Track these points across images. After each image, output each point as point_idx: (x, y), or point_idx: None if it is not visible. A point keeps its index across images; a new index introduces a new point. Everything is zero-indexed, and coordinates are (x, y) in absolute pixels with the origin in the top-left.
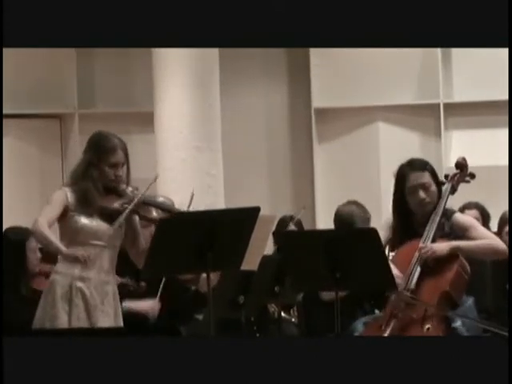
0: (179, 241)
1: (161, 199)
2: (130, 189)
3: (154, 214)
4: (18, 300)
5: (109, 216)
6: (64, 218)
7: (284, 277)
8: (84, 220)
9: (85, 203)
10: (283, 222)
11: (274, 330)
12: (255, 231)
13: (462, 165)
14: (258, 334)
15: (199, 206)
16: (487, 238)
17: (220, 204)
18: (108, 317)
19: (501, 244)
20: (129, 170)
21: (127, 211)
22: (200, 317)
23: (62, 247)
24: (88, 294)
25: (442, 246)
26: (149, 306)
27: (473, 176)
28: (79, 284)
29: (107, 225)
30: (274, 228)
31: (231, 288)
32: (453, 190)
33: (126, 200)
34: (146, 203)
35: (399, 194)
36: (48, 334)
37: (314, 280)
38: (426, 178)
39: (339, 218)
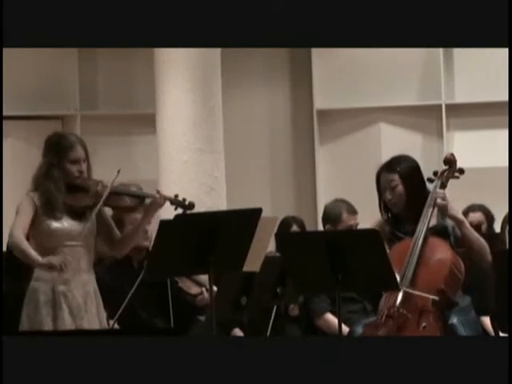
0: (181, 242)
1: (132, 188)
2: (94, 183)
3: (128, 201)
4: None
5: (79, 214)
6: (34, 223)
7: (286, 278)
8: (55, 223)
9: (50, 205)
10: (287, 222)
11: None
12: (257, 232)
13: (450, 160)
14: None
15: (201, 207)
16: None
17: (222, 206)
18: (92, 316)
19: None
20: (89, 166)
21: (99, 205)
22: (202, 318)
23: (39, 258)
24: (70, 297)
25: (455, 209)
26: None
27: (462, 171)
28: (62, 287)
29: (78, 223)
30: (276, 229)
31: (233, 289)
32: (442, 187)
33: (92, 194)
34: (119, 193)
35: (379, 194)
36: (49, 334)
37: (315, 281)
38: (393, 178)
39: (326, 214)
